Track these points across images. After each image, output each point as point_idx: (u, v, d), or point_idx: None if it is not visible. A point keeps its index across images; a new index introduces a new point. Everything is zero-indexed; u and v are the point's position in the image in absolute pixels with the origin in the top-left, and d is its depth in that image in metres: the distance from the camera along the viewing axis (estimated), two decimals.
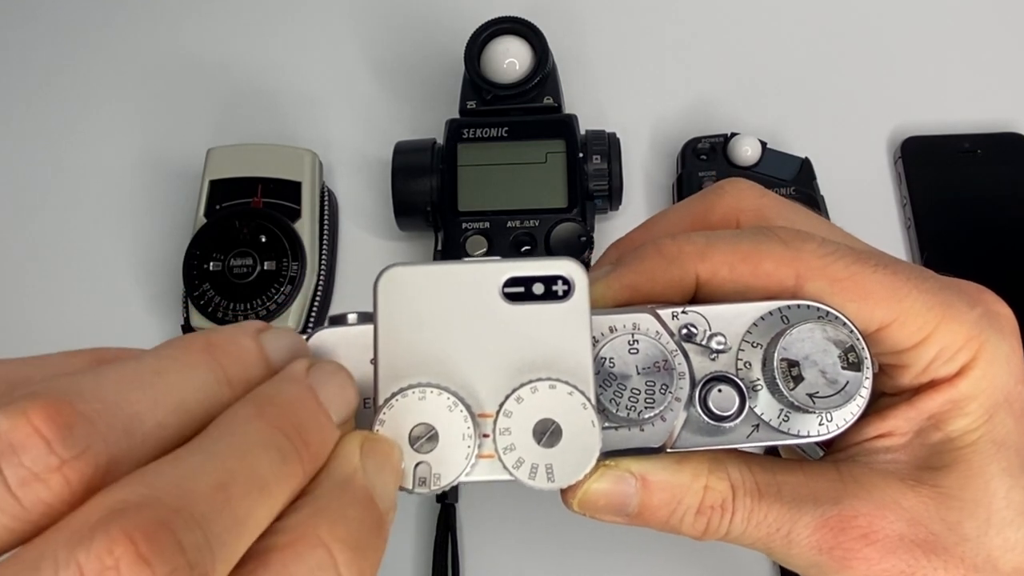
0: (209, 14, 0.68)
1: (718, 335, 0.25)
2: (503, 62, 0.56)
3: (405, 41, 0.66)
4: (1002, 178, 0.57)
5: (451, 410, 0.22)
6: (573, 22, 0.65)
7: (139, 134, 0.64)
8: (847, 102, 0.62)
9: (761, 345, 0.25)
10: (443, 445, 0.22)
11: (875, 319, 0.26)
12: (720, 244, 0.26)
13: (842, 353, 0.24)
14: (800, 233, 0.26)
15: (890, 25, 0.64)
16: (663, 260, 0.26)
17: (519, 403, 0.22)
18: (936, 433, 0.27)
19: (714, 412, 0.25)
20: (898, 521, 0.26)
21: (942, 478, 0.26)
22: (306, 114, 0.64)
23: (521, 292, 0.22)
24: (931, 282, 0.26)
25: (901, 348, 0.26)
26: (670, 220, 0.30)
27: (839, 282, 0.25)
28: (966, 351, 0.26)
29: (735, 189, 0.30)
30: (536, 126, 0.56)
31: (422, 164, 0.56)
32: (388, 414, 0.22)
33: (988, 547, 0.26)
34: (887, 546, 0.26)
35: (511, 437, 0.22)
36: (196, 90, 0.65)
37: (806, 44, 0.64)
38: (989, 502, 0.26)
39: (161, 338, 0.59)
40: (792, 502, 0.27)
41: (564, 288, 0.22)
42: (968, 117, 0.60)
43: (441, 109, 0.59)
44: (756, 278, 0.26)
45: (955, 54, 0.63)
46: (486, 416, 0.22)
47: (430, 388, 0.22)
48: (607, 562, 0.50)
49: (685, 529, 0.28)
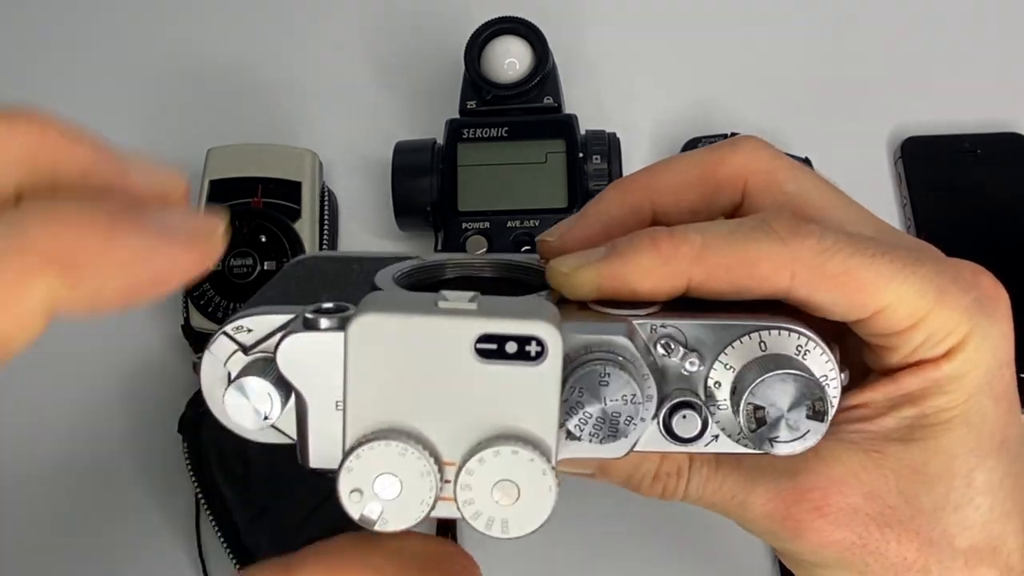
0: (209, 14, 0.68)
1: (693, 354, 0.25)
2: (503, 62, 0.56)
3: (405, 41, 0.66)
4: (1002, 178, 0.57)
5: (415, 462, 0.22)
6: (573, 22, 0.65)
7: (139, 134, 0.64)
8: (847, 102, 0.62)
9: (734, 368, 0.25)
10: (405, 493, 0.22)
11: (867, 308, 0.25)
12: (717, 246, 0.25)
13: (810, 403, 0.24)
14: (799, 227, 0.25)
15: (890, 25, 0.64)
16: (658, 258, 0.25)
17: (481, 464, 0.22)
18: (911, 409, 0.27)
19: (676, 434, 0.25)
20: (853, 494, 0.27)
21: (907, 452, 0.27)
22: (306, 114, 0.64)
23: (493, 350, 0.22)
24: (928, 266, 0.26)
25: (891, 332, 0.26)
26: (676, 170, 0.29)
27: (834, 278, 0.25)
28: (954, 336, 0.26)
29: (748, 147, 0.29)
30: (536, 126, 0.56)
31: (422, 164, 0.56)
32: (355, 462, 0.22)
33: (944, 523, 0.26)
34: (839, 518, 0.27)
35: (471, 492, 0.22)
36: (196, 90, 0.65)
37: (806, 44, 0.64)
38: (950, 478, 0.26)
39: (161, 339, 0.60)
40: (750, 471, 0.28)
41: (537, 350, 0.22)
42: (968, 117, 0.60)
43: (441, 109, 0.59)
44: (752, 280, 0.25)
45: (955, 54, 0.63)
46: (448, 464, 0.23)
47: (396, 439, 0.22)
48: (607, 562, 0.51)
49: (644, 491, 0.29)
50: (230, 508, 0.51)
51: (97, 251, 0.17)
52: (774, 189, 0.29)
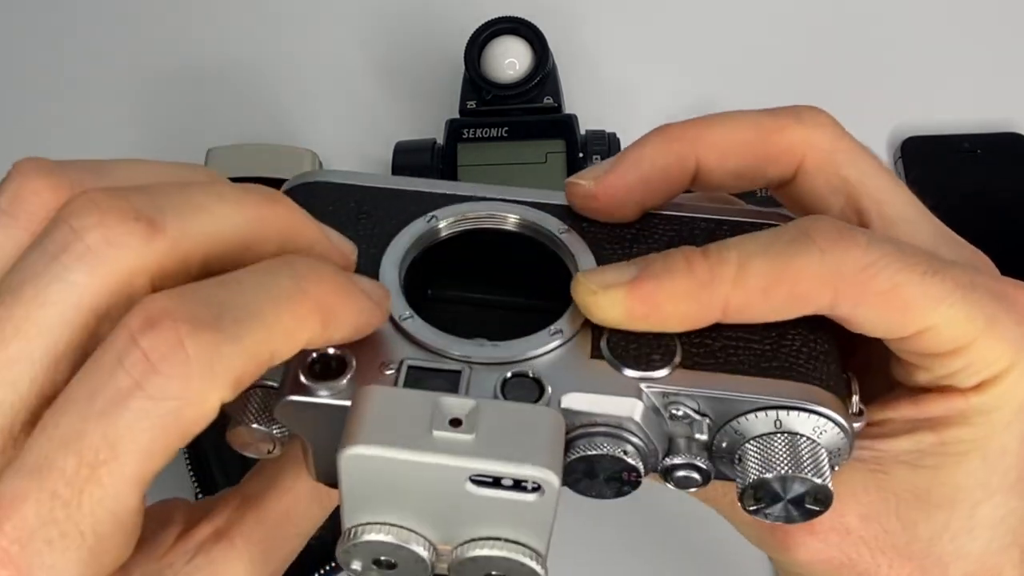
0: (209, 14, 0.68)
1: (705, 419, 0.24)
2: (503, 62, 0.56)
3: (405, 41, 0.66)
4: (1002, 178, 0.57)
5: (412, 550, 0.22)
6: (573, 22, 0.65)
7: (139, 134, 0.64)
8: (847, 102, 0.61)
9: (743, 436, 0.24)
10: (400, 570, 0.23)
11: (909, 328, 0.24)
12: (754, 266, 0.23)
13: (812, 499, 0.23)
14: (843, 237, 0.23)
15: (890, 25, 0.64)
16: (694, 281, 0.23)
17: (474, 563, 0.22)
18: (929, 435, 0.25)
19: (675, 483, 0.24)
20: (848, 514, 0.26)
21: (914, 476, 0.25)
22: (306, 114, 0.64)
23: (489, 481, 0.21)
24: (981, 291, 0.24)
25: (930, 353, 0.24)
26: (731, 127, 0.27)
27: (879, 295, 0.23)
28: (995, 367, 0.24)
29: (813, 120, 0.27)
30: (536, 126, 0.56)
31: (422, 164, 0.56)
32: (352, 548, 0.22)
33: (940, 551, 0.25)
34: (830, 538, 0.26)
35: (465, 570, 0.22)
36: (196, 90, 0.65)
37: (806, 44, 0.64)
38: (952, 509, 0.25)
39: None
40: None
41: (534, 486, 0.21)
42: (968, 117, 0.60)
43: (441, 109, 0.59)
44: (792, 299, 0.23)
45: (955, 54, 0.63)
46: (444, 548, 0.23)
47: (391, 532, 0.22)
48: (608, 563, 0.50)
49: None
50: None
51: (343, 305, 0.22)
52: (830, 172, 0.27)
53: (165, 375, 0.19)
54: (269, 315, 0.20)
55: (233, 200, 0.22)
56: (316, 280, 0.21)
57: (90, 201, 0.20)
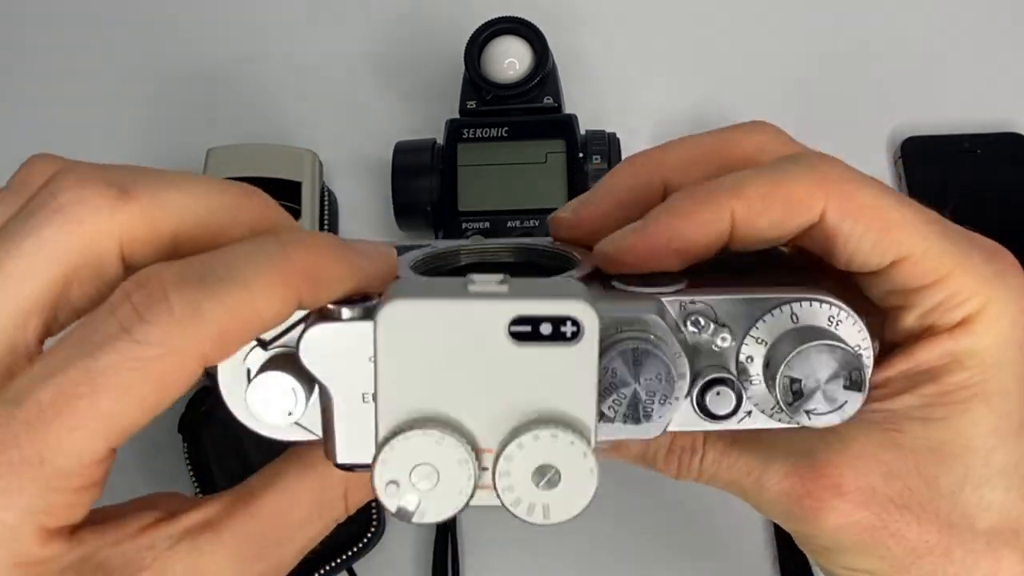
0: (209, 14, 0.68)
1: (724, 330, 0.25)
2: (503, 62, 0.56)
3: (405, 41, 0.66)
4: (1002, 178, 0.57)
5: (452, 451, 0.22)
6: (573, 22, 0.65)
7: (139, 134, 0.64)
8: (847, 102, 0.62)
9: (766, 342, 0.25)
10: (442, 483, 0.22)
11: (890, 253, 0.25)
12: (752, 178, 0.26)
13: (846, 373, 0.24)
14: (826, 157, 0.26)
15: (890, 25, 0.64)
16: (699, 201, 0.26)
17: (520, 448, 0.22)
18: (931, 385, 0.26)
19: (710, 411, 0.25)
20: (872, 474, 0.26)
21: (926, 431, 0.26)
22: (306, 114, 0.64)
23: (528, 332, 0.21)
24: (954, 230, 0.26)
25: (910, 287, 0.26)
26: (689, 147, 0.29)
27: (864, 209, 0.25)
28: (973, 303, 0.25)
29: (764, 128, 0.29)
30: (536, 126, 0.56)
31: (422, 164, 0.56)
32: (390, 454, 0.22)
33: (964, 504, 0.26)
34: (858, 498, 0.26)
35: (510, 479, 0.22)
36: (196, 90, 0.65)
37: (806, 44, 0.64)
38: (968, 459, 0.26)
39: None
40: (767, 448, 0.27)
41: (573, 330, 0.21)
42: (968, 117, 0.60)
43: (441, 109, 0.59)
44: (789, 206, 0.25)
45: (955, 54, 0.63)
46: (486, 452, 0.22)
47: (431, 428, 0.22)
48: (608, 563, 0.50)
49: (659, 466, 0.29)
50: None
51: (333, 266, 0.23)
52: None
53: (149, 323, 0.20)
54: (251, 276, 0.21)
55: (207, 184, 0.24)
56: (301, 245, 0.22)
57: (71, 170, 0.22)
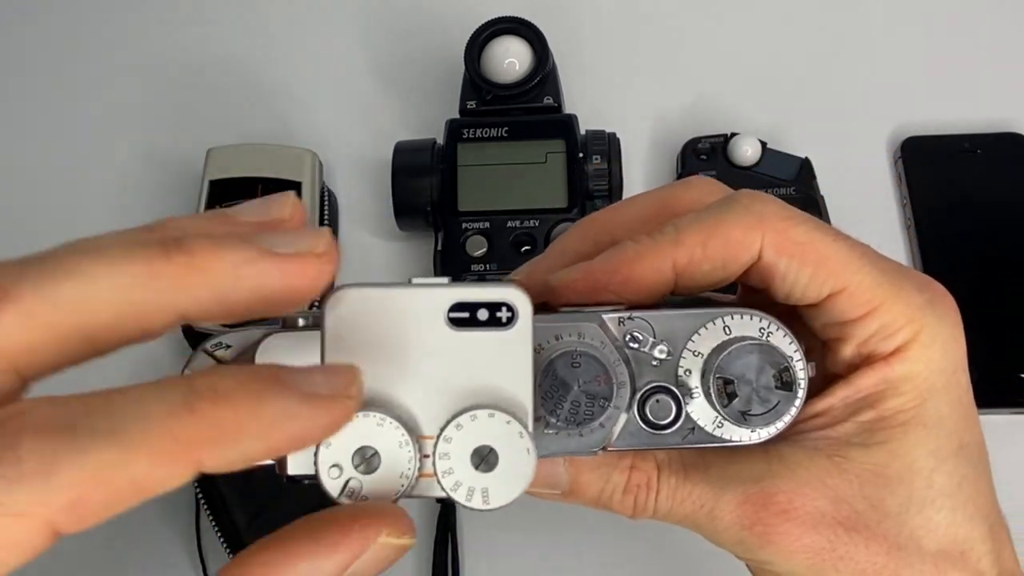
0: (210, 14, 0.68)
1: (661, 343, 0.26)
2: (503, 62, 0.56)
3: (405, 41, 0.66)
4: (1002, 178, 0.57)
5: (393, 433, 0.22)
6: (573, 22, 0.65)
7: (139, 134, 0.64)
8: (847, 102, 0.62)
9: (702, 355, 0.26)
10: (384, 467, 0.23)
11: (826, 286, 0.26)
12: (689, 224, 0.27)
13: (776, 373, 0.25)
14: (760, 196, 0.27)
15: (890, 25, 0.64)
16: (639, 249, 0.27)
17: (459, 430, 0.23)
18: (869, 412, 0.27)
19: (652, 421, 0.26)
20: (820, 498, 0.27)
21: (869, 455, 0.27)
22: (306, 114, 0.64)
23: (466, 318, 0.23)
24: (885, 263, 0.27)
25: (845, 319, 0.27)
26: (635, 206, 0.31)
27: (799, 245, 0.26)
28: (906, 331, 0.27)
29: (701, 183, 0.30)
30: (536, 126, 0.56)
31: (422, 164, 0.56)
32: (332, 436, 0.22)
33: (910, 525, 0.27)
34: (807, 522, 0.27)
35: (449, 462, 0.23)
36: (196, 90, 0.65)
37: (806, 44, 0.64)
38: (911, 480, 0.27)
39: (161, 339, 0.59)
40: (717, 480, 0.28)
41: (508, 315, 0.23)
42: (968, 117, 0.60)
43: (441, 109, 0.59)
44: (728, 248, 0.26)
45: (955, 54, 0.63)
46: (427, 439, 0.23)
47: (374, 412, 0.22)
48: (608, 562, 0.51)
49: (615, 507, 0.29)
50: (230, 507, 0.51)
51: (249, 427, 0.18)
52: None
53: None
54: (135, 434, 0.17)
55: (112, 262, 0.19)
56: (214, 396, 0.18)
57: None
